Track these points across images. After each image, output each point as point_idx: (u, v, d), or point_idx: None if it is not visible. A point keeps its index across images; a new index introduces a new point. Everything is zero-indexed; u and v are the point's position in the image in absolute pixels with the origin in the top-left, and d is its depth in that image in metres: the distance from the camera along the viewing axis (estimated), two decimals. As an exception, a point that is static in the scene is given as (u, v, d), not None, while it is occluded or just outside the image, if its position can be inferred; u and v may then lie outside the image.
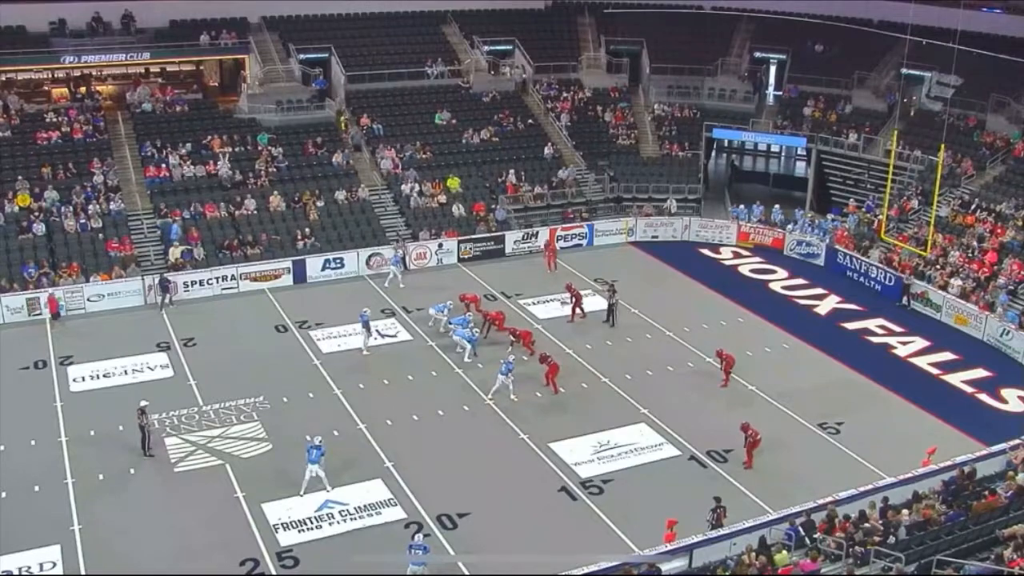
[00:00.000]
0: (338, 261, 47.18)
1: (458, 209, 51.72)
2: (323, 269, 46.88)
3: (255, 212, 48.70)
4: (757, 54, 64.66)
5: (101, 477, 30.90)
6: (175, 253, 45.03)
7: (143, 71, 56.41)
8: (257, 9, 58.40)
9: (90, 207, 46.70)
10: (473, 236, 50.44)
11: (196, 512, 29.33)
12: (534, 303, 44.82)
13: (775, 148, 68.55)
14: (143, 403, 32.08)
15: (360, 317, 39.54)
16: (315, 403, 35.70)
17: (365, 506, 29.74)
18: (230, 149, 51.50)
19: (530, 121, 58.55)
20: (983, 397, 38.31)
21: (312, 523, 28.94)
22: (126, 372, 37.60)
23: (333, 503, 29.78)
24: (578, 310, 43.15)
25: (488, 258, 50.15)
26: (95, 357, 38.56)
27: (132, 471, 31.22)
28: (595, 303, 44.37)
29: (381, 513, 29.49)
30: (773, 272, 50.13)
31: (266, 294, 45.00)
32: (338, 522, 29.06)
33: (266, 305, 43.98)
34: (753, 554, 24.92)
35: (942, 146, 43.57)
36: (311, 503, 29.69)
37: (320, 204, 49.82)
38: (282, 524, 28.78)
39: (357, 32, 60.26)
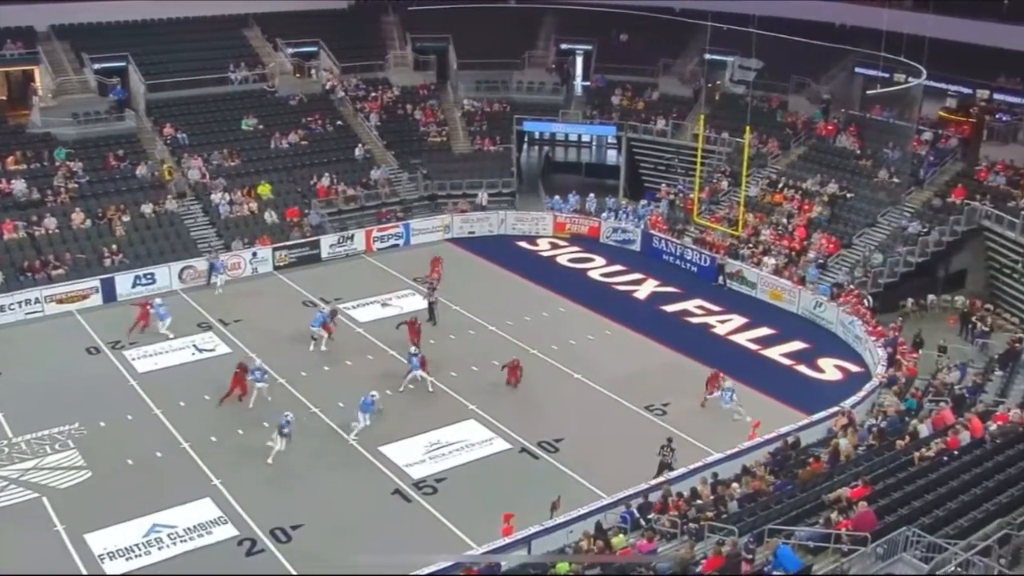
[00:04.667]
0: (149, 277, 45.50)
1: (270, 216, 50.60)
2: (134, 286, 45.10)
3: (56, 231, 46.50)
4: (563, 46, 65.52)
5: (-96, 523, 29.07)
6: (-29, 279, 42.79)
7: (-80, 87, 53.36)
8: (45, 17, 55.58)
9: None
10: (287, 243, 49.38)
11: (12, 552, 27.69)
12: (354, 307, 44.23)
13: (586, 138, 69.38)
14: (-53, 439, 30.28)
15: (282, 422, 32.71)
16: (134, 425, 34.29)
17: (195, 527, 28.75)
18: (25, 166, 48.97)
19: (339, 123, 57.71)
20: (801, 368, 39.68)
21: (140, 549, 27.82)
22: (-74, 408, 35.47)
23: (161, 527, 28.67)
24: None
25: (304, 264, 49.17)
26: None
27: (-62, 513, 29.50)
28: (415, 303, 44.16)
29: (212, 532, 28.58)
30: (591, 260, 50.73)
31: (74, 315, 43.01)
32: (167, 546, 28.01)
33: (75, 327, 42.05)
34: (591, 539, 25.08)
35: (747, 128, 44.85)
36: (137, 529, 28.52)
37: (126, 219, 47.96)
38: (108, 554, 27.56)
39: (155, 39, 58.01)
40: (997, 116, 51.65)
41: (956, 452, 27.68)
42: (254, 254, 48.14)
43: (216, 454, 32.44)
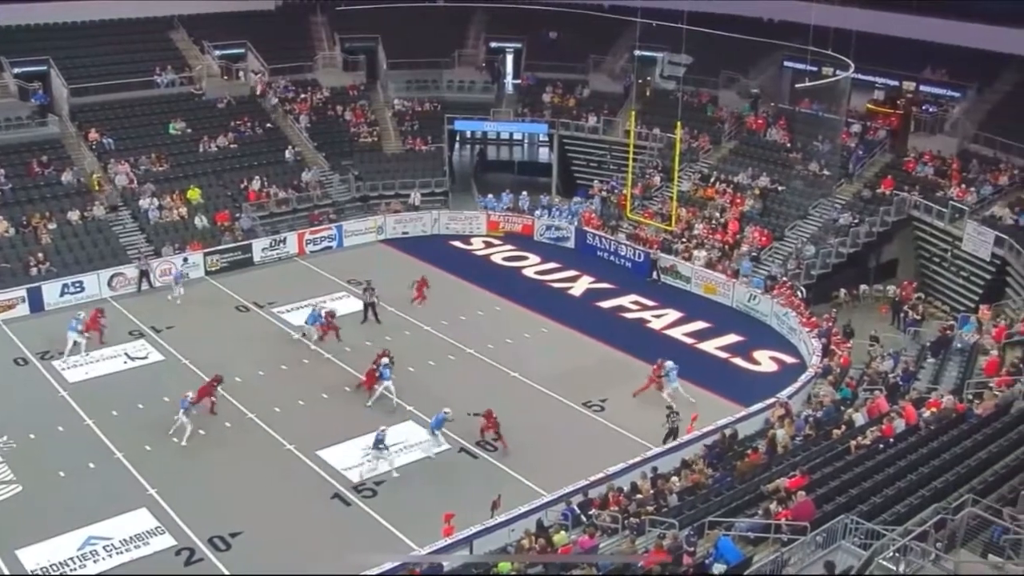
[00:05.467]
0: (77, 285, 44.69)
1: (201, 221, 49.94)
2: (62, 295, 44.28)
3: (-21, 240, 45.67)
4: (493, 44, 65.46)
5: None
6: None
7: None
8: (-40, 21, 54.52)
9: None
10: (219, 247, 48.79)
11: (-59, 569, 27.18)
12: (288, 311, 43.78)
13: (518, 136, 69.50)
14: None
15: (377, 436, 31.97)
16: (66, 436, 33.59)
17: (131, 538, 28.25)
18: (-57, 175, 48.01)
19: (268, 125, 57.06)
20: (737, 361, 40.02)
21: (75, 563, 27.27)
22: None
23: (96, 539, 28.13)
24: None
25: (236, 268, 48.62)
26: None
27: None
28: (350, 305, 44.01)
29: (149, 543, 28.10)
30: (525, 258, 50.72)
31: (0, 327, 42.20)
32: (103, 559, 27.51)
33: (1, 338, 41.19)
34: (532, 537, 25.02)
35: (678, 123, 45.00)
36: (71, 542, 27.95)
37: (52, 226, 47.05)
38: (41, 569, 26.97)
39: (77, 42, 57.02)
40: (924, 107, 52.51)
41: (891, 439, 28.01)
42: (185, 260, 47.46)
43: (151, 463, 31.90)
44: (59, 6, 57.08)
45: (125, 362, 39.10)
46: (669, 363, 36.07)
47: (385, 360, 36.30)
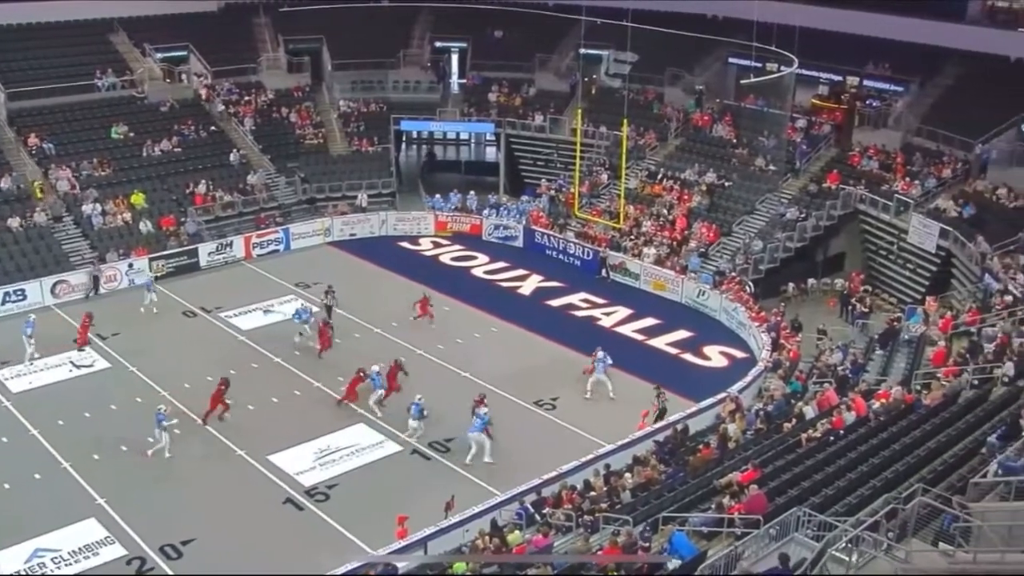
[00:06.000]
0: (19, 293, 44.00)
1: (145, 226, 49.34)
2: (3, 303, 43.56)
3: (-83, 249, 44.82)
4: (438, 44, 65.32)
5: None
6: None
7: None
8: None
9: None
10: (164, 252, 48.23)
11: None
12: (235, 315, 43.38)
13: (464, 136, 69.43)
14: None
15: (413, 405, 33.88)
16: (10, 448, 33.00)
17: (80, 549, 27.83)
18: None
19: (213, 128, 56.48)
20: (687, 357, 40.20)
21: (21, 576, 26.87)
22: None
23: (44, 551, 27.66)
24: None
25: (183, 273, 48.07)
26: None
27: None
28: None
29: (99, 554, 27.71)
30: (474, 258, 50.64)
31: (-59, 336, 41.46)
32: (51, 571, 27.06)
33: (-57, 348, 40.50)
34: (486, 537, 24.95)
35: (624, 121, 45.10)
36: (18, 555, 27.46)
37: (-8, 234, 46.43)
38: (-15, 583, 26.58)
39: (14, 45, 55.91)
40: (868, 102, 53.01)
41: (842, 431, 28.22)
42: (130, 265, 46.87)
43: (99, 472, 31.42)
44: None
45: (71, 371, 38.51)
46: (600, 353, 36.26)
47: (376, 368, 35.77)
